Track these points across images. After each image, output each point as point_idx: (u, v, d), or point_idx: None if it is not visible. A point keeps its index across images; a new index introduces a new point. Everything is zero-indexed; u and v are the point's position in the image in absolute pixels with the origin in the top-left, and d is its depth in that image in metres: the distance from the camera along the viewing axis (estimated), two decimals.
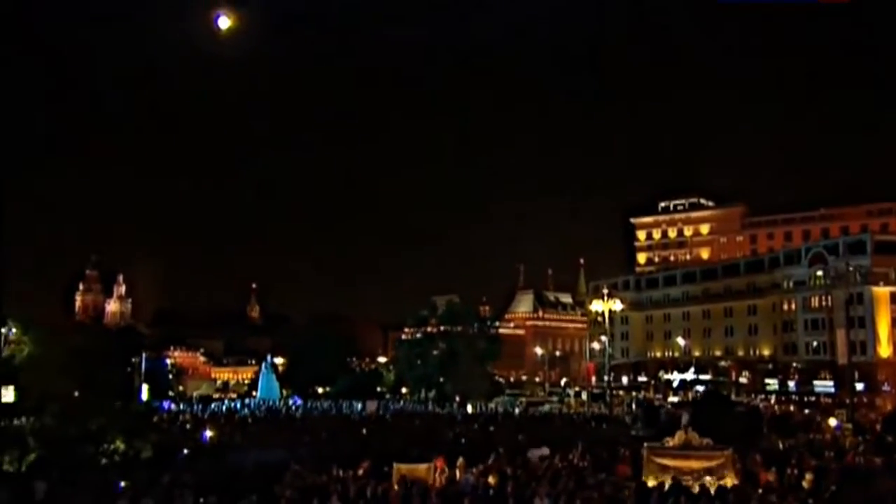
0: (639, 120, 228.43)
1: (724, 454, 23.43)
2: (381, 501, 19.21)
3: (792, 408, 64.09)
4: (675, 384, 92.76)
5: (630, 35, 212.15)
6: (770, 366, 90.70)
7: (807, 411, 58.14)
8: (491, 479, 21.94)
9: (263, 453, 30.15)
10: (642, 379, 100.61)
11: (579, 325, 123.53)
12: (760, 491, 20.36)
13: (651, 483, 21.39)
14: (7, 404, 60.28)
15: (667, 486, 20.32)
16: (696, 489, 20.52)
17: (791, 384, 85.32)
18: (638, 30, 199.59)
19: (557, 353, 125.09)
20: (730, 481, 21.72)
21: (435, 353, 78.72)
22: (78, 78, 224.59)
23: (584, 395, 76.65)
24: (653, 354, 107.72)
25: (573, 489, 20.12)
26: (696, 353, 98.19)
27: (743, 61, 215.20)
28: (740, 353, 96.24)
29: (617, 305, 67.56)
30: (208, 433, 42.15)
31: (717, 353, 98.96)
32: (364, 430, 44.26)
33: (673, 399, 74.44)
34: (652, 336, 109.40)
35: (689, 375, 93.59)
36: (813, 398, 74.20)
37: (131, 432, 30.95)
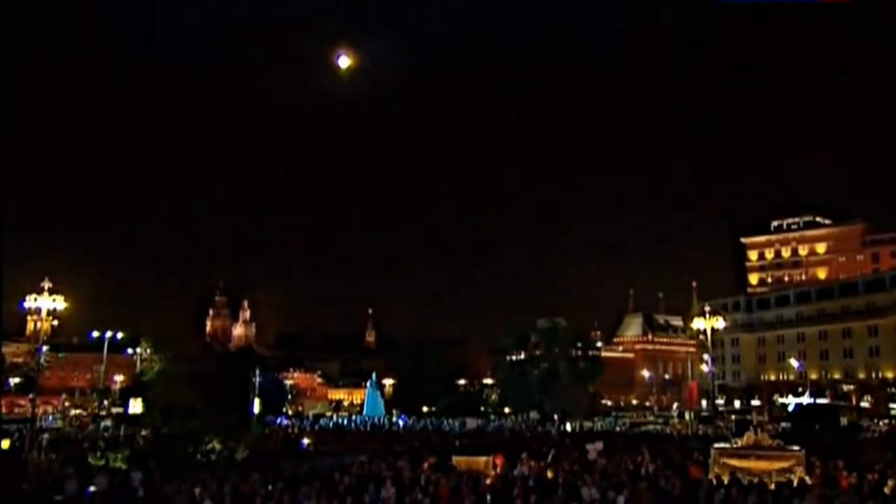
0: (747, 138, 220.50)
1: (794, 455, 23.27)
2: (433, 488, 20.49)
3: None
4: (790, 408, 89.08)
5: (734, 54, 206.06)
6: (894, 389, 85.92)
7: None
8: (549, 473, 22.88)
9: (353, 457, 32.02)
10: (755, 403, 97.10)
11: (691, 349, 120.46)
12: (820, 488, 20.31)
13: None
14: (135, 415, 65.77)
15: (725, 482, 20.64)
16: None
17: None
18: (739, 48, 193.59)
19: (667, 377, 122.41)
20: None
21: (536, 373, 79.19)
22: (202, 111, 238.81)
23: (687, 416, 75.00)
24: (766, 377, 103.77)
25: (625, 481, 20.84)
26: (813, 376, 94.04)
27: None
28: (861, 375, 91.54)
29: (720, 323, 65.53)
30: (306, 441, 45.28)
31: (836, 375, 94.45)
32: (457, 442, 45.58)
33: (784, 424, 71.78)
34: (764, 359, 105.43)
35: (806, 399, 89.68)
36: None
37: (226, 434, 33.76)
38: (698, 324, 66.11)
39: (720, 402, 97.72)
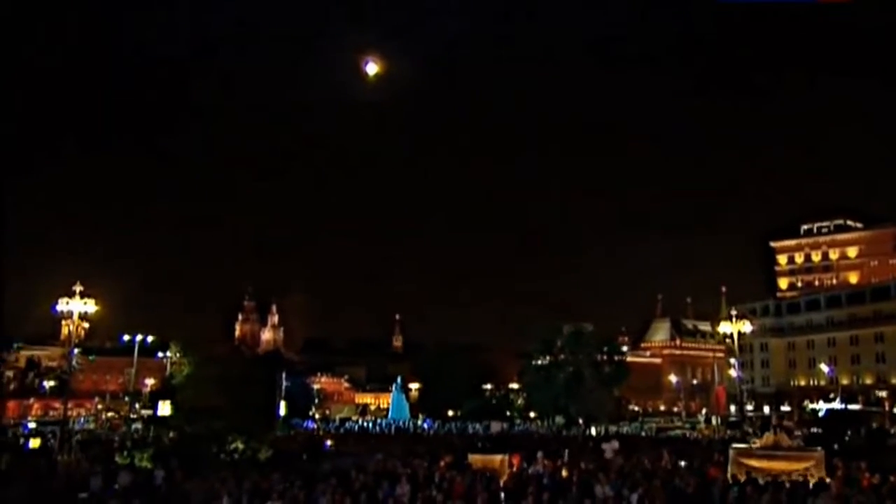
0: (775, 141, 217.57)
1: (813, 455, 23.05)
2: (447, 485, 20.60)
3: None
4: (821, 414, 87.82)
5: (752, 54, 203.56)
6: None
7: None
8: (564, 472, 22.91)
9: (373, 457, 32.26)
10: (785, 409, 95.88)
11: (719, 354, 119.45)
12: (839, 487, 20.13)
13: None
14: (163, 417, 66.88)
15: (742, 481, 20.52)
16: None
17: None
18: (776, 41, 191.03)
19: (695, 382, 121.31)
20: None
21: (561, 377, 79.12)
22: (228, 115, 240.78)
23: (713, 421, 74.40)
24: (796, 383, 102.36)
25: (639, 479, 20.82)
26: (844, 382, 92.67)
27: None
28: (893, 380, 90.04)
29: (747, 327, 64.95)
30: (328, 442, 45.91)
31: (868, 381, 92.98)
32: (479, 444, 45.69)
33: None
34: (794, 364, 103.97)
35: (837, 405, 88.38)
36: None
37: (249, 434, 34.25)
38: (725, 327, 65.26)
39: (749, 407, 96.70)
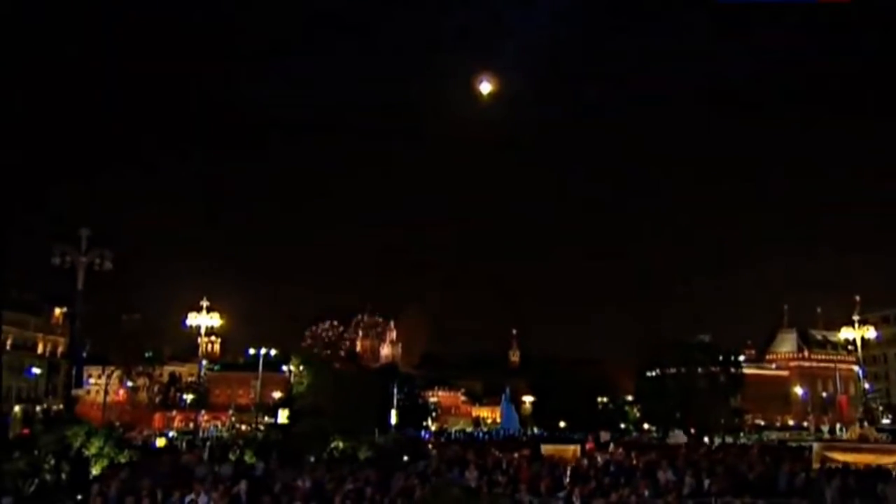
0: None
1: None
2: (513, 471, 21.42)
3: None
4: None
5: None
6: None
7: None
8: (634, 461, 23.25)
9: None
10: None
11: (852, 366, 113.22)
12: None
13: None
14: (283, 424, 70.59)
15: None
16: None
17: None
18: None
19: (824, 395, 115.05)
20: None
21: (674, 387, 77.61)
22: (345, 135, 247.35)
23: (838, 432, 70.96)
24: None
25: (705, 467, 20.97)
26: None
27: None
28: None
29: (871, 333, 61.71)
30: (431, 446, 47.62)
31: None
32: None
33: None
34: None
35: None
36: None
37: (351, 434, 36.11)
38: (846, 334, 61.95)
39: (886, 420, 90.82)
